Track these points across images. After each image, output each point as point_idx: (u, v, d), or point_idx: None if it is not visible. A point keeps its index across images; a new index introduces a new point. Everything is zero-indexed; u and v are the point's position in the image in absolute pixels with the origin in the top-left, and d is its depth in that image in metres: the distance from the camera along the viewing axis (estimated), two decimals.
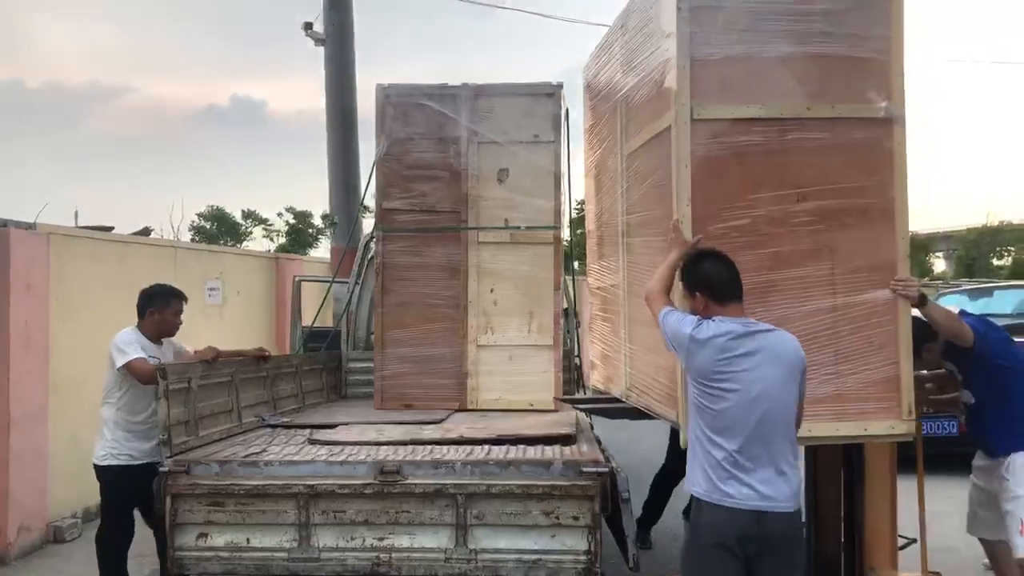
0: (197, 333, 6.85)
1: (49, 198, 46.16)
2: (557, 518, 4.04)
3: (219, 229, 42.09)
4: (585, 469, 4.06)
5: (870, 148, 3.94)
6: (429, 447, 4.59)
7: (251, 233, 43.73)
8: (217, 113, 71.70)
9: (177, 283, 8.55)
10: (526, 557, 4.04)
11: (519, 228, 6.35)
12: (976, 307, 14.72)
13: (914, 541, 5.11)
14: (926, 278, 32.67)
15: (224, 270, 9.84)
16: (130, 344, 4.92)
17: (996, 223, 42.41)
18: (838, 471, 4.87)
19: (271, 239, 42.22)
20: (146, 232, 9.04)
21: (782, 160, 3.92)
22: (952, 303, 14.53)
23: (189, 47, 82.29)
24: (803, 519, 3.56)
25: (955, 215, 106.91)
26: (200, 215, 41.84)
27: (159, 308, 5.09)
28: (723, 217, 3.90)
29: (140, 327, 5.08)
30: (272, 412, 5.73)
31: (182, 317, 5.22)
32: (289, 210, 43.59)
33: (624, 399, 5.05)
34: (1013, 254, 41.82)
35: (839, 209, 3.92)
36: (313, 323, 8.25)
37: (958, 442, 8.65)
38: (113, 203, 50.51)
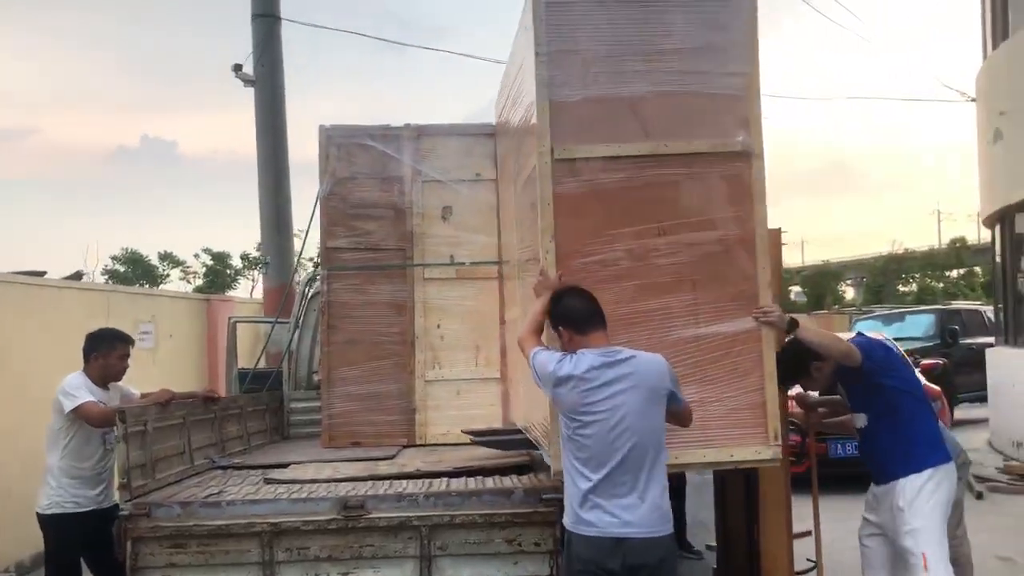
0: (129, 376, 6.77)
1: None
2: (519, 544, 4.13)
3: (134, 272, 41.19)
4: (545, 496, 4.16)
5: (729, 181, 4.06)
6: (388, 482, 4.65)
7: (168, 275, 42.97)
8: (127, 154, 70.24)
9: (110, 326, 8.49)
10: None
11: (464, 264, 6.46)
12: (890, 331, 15.41)
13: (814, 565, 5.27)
14: (837, 306, 33.93)
15: (156, 313, 9.70)
16: (78, 388, 4.87)
17: (901, 251, 44.43)
18: (741, 498, 5.04)
19: (188, 281, 41.46)
20: (78, 276, 8.90)
21: (642, 196, 4.04)
22: (868, 328, 15.19)
23: (95, 86, 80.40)
24: (672, 544, 3.57)
25: (864, 244, 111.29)
26: (114, 258, 40.90)
27: (104, 352, 5.06)
28: (586, 252, 4.01)
29: (86, 371, 5.03)
30: (221, 454, 5.70)
31: (128, 361, 5.18)
32: (206, 251, 42.70)
33: (524, 431, 5.10)
34: (917, 280, 43.71)
35: (700, 241, 4.03)
36: (256, 364, 8.19)
37: None
38: (24, 247, 48.88)
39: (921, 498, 4.24)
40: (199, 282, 39.66)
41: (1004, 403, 11.13)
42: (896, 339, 14.53)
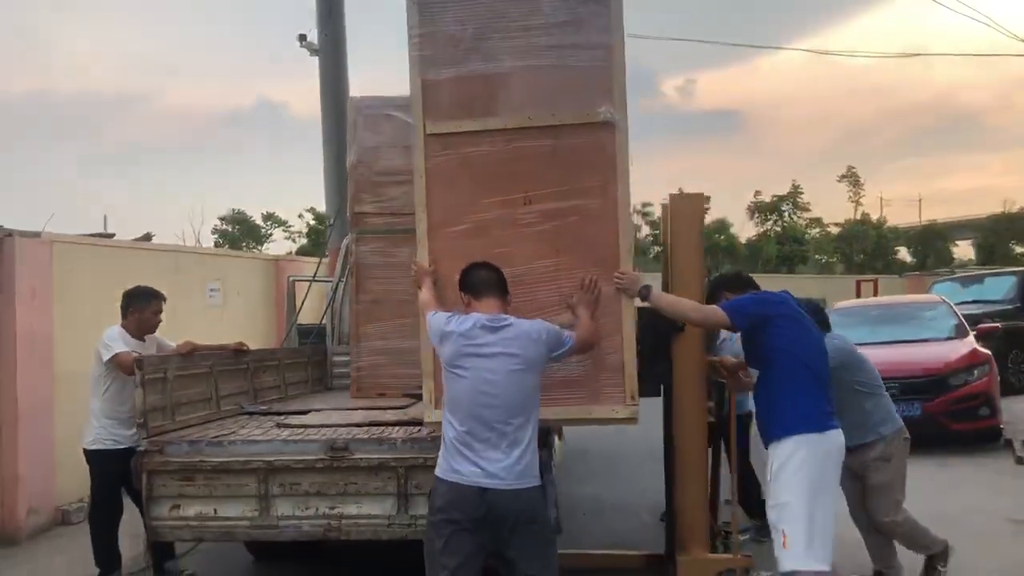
0: (199, 332, 7.38)
1: (78, 205, 47.25)
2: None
3: (239, 232, 42.85)
4: None
5: (592, 152, 4.23)
6: (381, 428, 5.08)
7: (271, 235, 44.49)
8: (242, 116, 72.72)
9: (178, 286, 9.22)
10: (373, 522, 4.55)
11: None
12: (968, 294, 15.06)
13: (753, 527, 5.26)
14: (946, 267, 32.64)
15: (225, 273, 10.41)
16: (115, 340, 5.47)
17: (1014, 210, 42.28)
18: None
19: (292, 240, 42.77)
20: (147, 238, 9.63)
21: (509, 167, 4.27)
22: (944, 291, 14.83)
23: (212, 51, 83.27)
24: (538, 499, 3.71)
25: (980, 203, 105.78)
26: (222, 218, 42.62)
27: (139, 307, 5.63)
28: (456, 221, 4.30)
29: (124, 325, 5.62)
30: (252, 401, 6.26)
31: (161, 316, 5.74)
32: (310, 211, 44.00)
33: None
34: None
35: (564, 210, 4.22)
36: (295, 320, 8.75)
37: (921, 423, 9.05)
38: (140, 208, 51.57)
39: (787, 470, 3.99)
40: (303, 242, 41.00)
41: None
42: (976, 301, 14.30)
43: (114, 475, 5.40)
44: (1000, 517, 6.60)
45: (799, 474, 3.96)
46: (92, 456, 5.52)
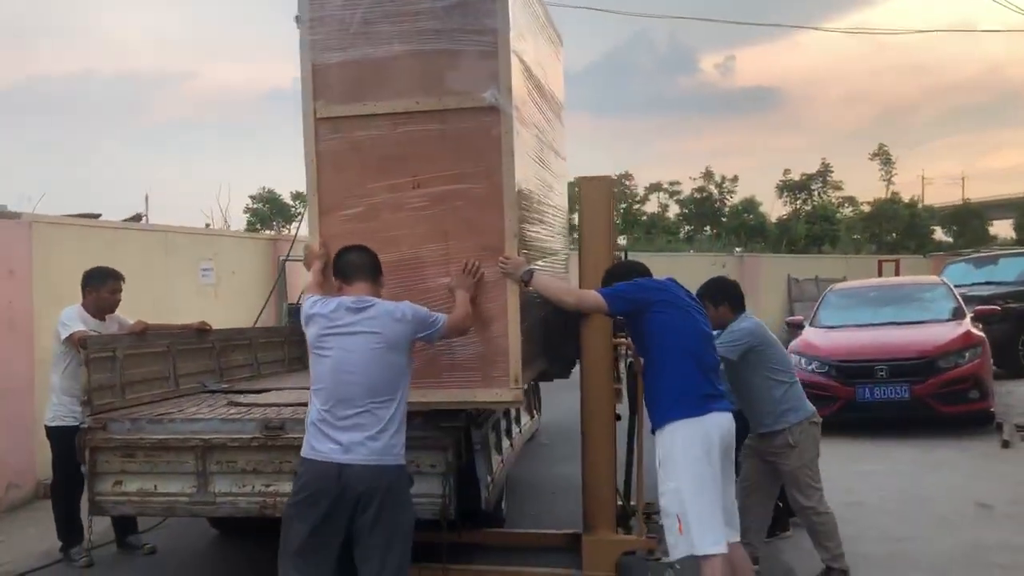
0: (191, 311, 7.52)
1: (119, 184, 48.02)
2: (417, 466, 4.52)
3: (270, 211, 43.33)
4: (442, 424, 4.56)
5: (478, 136, 4.22)
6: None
7: (300, 215, 44.89)
8: (279, 96, 73.30)
9: (169, 265, 9.35)
10: None
11: None
12: (981, 275, 14.81)
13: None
14: (977, 247, 32.04)
15: (220, 252, 10.53)
16: (73, 319, 5.58)
17: None
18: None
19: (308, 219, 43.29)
20: (138, 218, 9.77)
21: (397, 151, 4.28)
22: (957, 271, 14.57)
23: (251, 31, 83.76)
24: (400, 476, 3.76)
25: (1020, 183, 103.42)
26: (252, 198, 43.09)
27: (95, 287, 5.75)
28: (347, 205, 4.32)
29: (84, 304, 5.74)
30: (219, 379, 6.37)
31: (119, 295, 5.85)
32: None
33: None
34: None
35: (451, 193, 4.23)
36: (299, 300, 8.82)
37: (909, 406, 8.96)
38: (179, 187, 52.27)
39: (672, 456, 4.02)
40: None
41: None
42: (988, 283, 14.03)
43: (73, 450, 5.52)
44: (970, 501, 6.52)
45: (684, 459, 3.97)
46: (52, 432, 5.67)
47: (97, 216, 8.88)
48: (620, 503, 5.04)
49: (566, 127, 6.36)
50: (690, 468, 3.95)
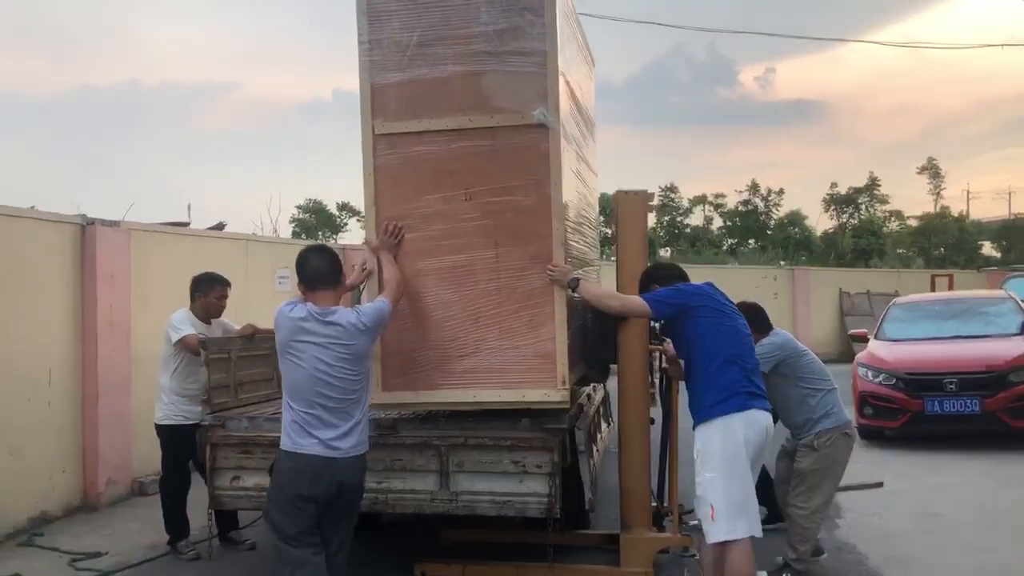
0: (268, 316, 7.73)
1: (163, 193, 48.97)
2: (524, 466, 4.73)
3: (316, 221, 43.91)
4: (548, 426, 4.73)
5: (527, 152, 4.51)
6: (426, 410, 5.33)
7: (346, 224, 45.46)
8: (320, 107, 74.37)
9: (248, 273, 9.64)
10: (498, 498, 4.76)
11: None
12: None
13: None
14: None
15: (294, 260, 10.79)
16: (183, 323, 5.85)
17: None
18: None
19: (364, 228, 43.69)
20: (220, 227, 10.07)
21: (450, 166, 4.57)
22: (1018, 286, 14.50)
23: (292, 42, 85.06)
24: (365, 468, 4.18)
25: None
26: (299, 207, 43.70)
27: (204, 292, 6.02)
28: (404, 215, 4.62)
29: (191, 309, 6.01)
30: None
31: (226, 301, 6.11)
32: None
33: None
34: None
35: (502, 205, 4.52)
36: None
37: (979, 419, 8.96)
38: (220, 197, 53.23)
39: (710, 448, 4.25)
40: None
41: None
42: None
43: (182, 448, 5.79)
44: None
45: (722, 451, 4.23)
46: (162, 431, 5.93)
47: (186, 224, 9.21)
48: (654, 504, 5.31)
49: (599, 142, 6.68)
50: (728, 459, 4.21)
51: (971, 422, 9.06)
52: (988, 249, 44.36)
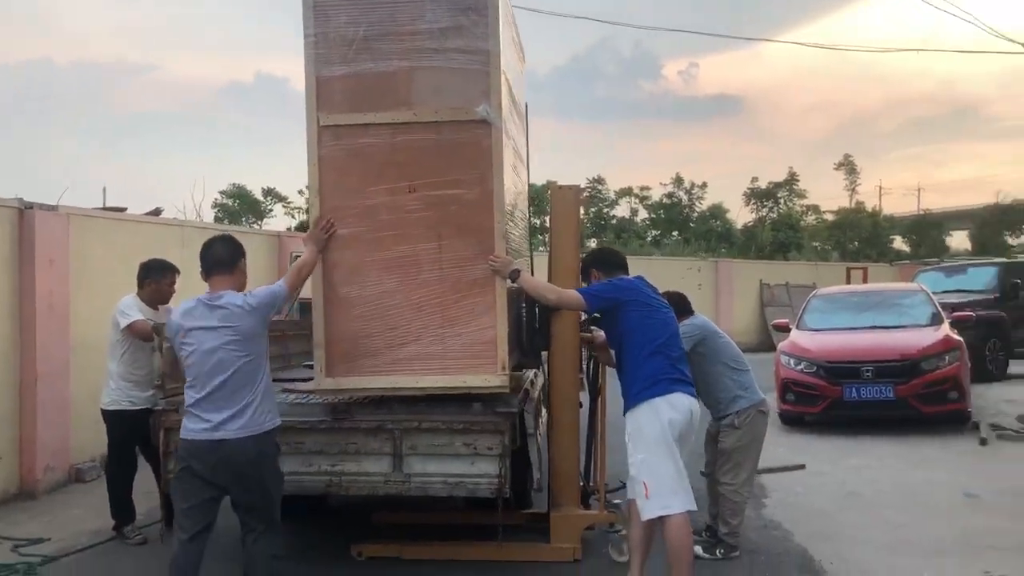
0: None
1: (76, 175, 47.45)
2: (475, 448, 4.92)
3: (240, 207, 43.10)
4: (499, 409, 4.93)
5: (471, 147, 4.71)
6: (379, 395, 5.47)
7: (271, 211, 44.75)
8: (240, 90, 72.95)
9: (185, 259, 9.56)
10: (450, 480, 4.94)
11: None
12: (951, 284, 15.45)
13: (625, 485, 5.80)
14: (937, 257, 33.03)
15: None
16: (131, 308, 5.87)
17: (1009, 202, 42.65)
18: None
19: (292, 216, 42.99)
20: (157, 212, 9.97)
21: (395, 158, 4.74)
22: (929, 280, 15.22)
23: (212, 22, 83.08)
24: (267, 444, 4.29)
25: (975, 193, 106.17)
26: (222, 193, 42.85)
27: (156, 279, 6.04)
28: (349, 206, 4.77)
29: (139, 295, 6.02)
30: None
31: (175, 287, 6.14)
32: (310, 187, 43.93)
33: None
34: None
35: (445, 198, 4.71)
36: (297, 295, 9.10)
37: (893, 405, 9.49)
38: (137, 180, 51.82)
39: (641, 430, 4.55)
40: (303, 217, 41.38)
41: None
42: (958, 291, 14.72)
43: (129, 434, 5.81)
44: (957, 492, 7.03)
45: (650, 433, 4.53)
46: (109, 416, 5.94)
47: (123, 209, 9.10)
48: (581, 483, 5.64)
49: (530, 134, 6.79)
50: (658, 439, 4.50)
51: (886, 408, 9.59)
52: (899, 243, 46.20)
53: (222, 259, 4.37)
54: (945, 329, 10.27)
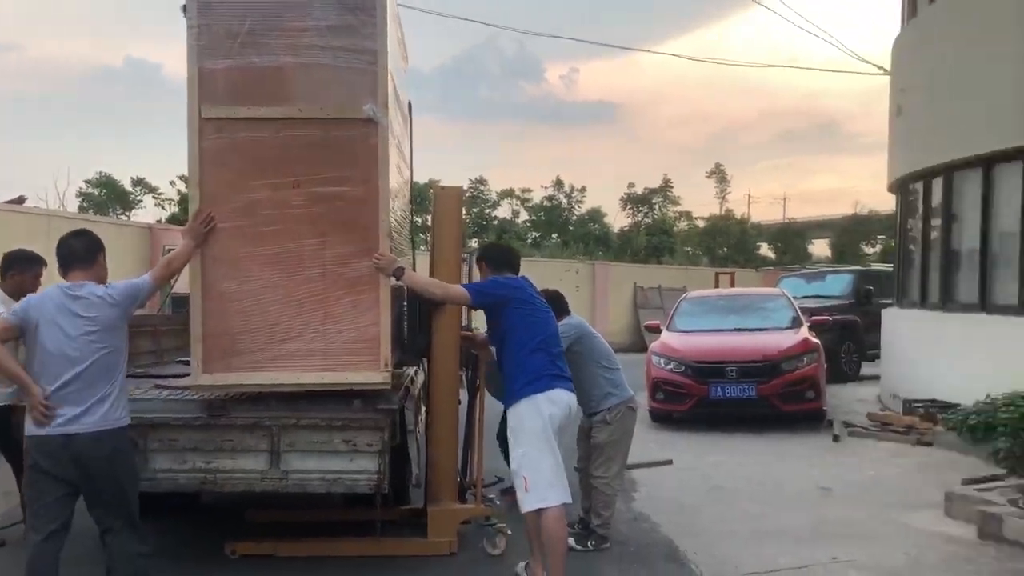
0: None
1: None
2: (355, 445, 4.92)
3: (107, 196, 41.29)
4: (380, 406, 4.96)
5: (357, 145, 4.73)
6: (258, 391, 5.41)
7: (141, 201, 43.07)
8: (110, 74, 69.61)
9: (50, 249, 9.16)
10: (329, 476, 4.94)
11: None
12: (811, 289, 16.34)
13: (501, 480, 6.00)
14: (799, 264, 34.71)
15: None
16: None
17: (866, 213, 45.29)
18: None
19: (162, 207, 41.57)
20: (20, 200, 9.51)
21: (279, 154, 4.73)
22: (790, 285, 16.06)
23: (81, 3, 78.94)
24: (122, 439, 4.23)
25: (836, 204, 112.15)
26: (88, 182, 40.97)
27: (20, 271, 5.76)
28: (230, 200, 4.74)
29: (1, 287, 5.74)
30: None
31: (41, 280, 5.88)
32: (182, 178, 43.18)
33: None
34: (882, 242, 44.58)
35: (330, 195, 4.72)
36: (170, 289, 8.87)
37: (755, 404, 10.00)
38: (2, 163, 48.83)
39: (522, 425, 4.73)
40: (174, 209, 39.98)
41: (890, 359, 12.02)
42: (817, 296, 15.59)
43: None
44: (812, 485, 7.49)
45: (531, 427, 4.69)
46: None
47: None
48: (458, 479, 5.78)
49: (413, 132, 6.86)
50: (538, 433, 4.67)
51: (748, 406, 10.10)
52: (765, 250, 48.45)
53: (79, 254, 4.28)
54: (804, 332, 10.88)
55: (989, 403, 7.06)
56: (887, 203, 15.33)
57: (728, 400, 10.08)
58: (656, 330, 12.09)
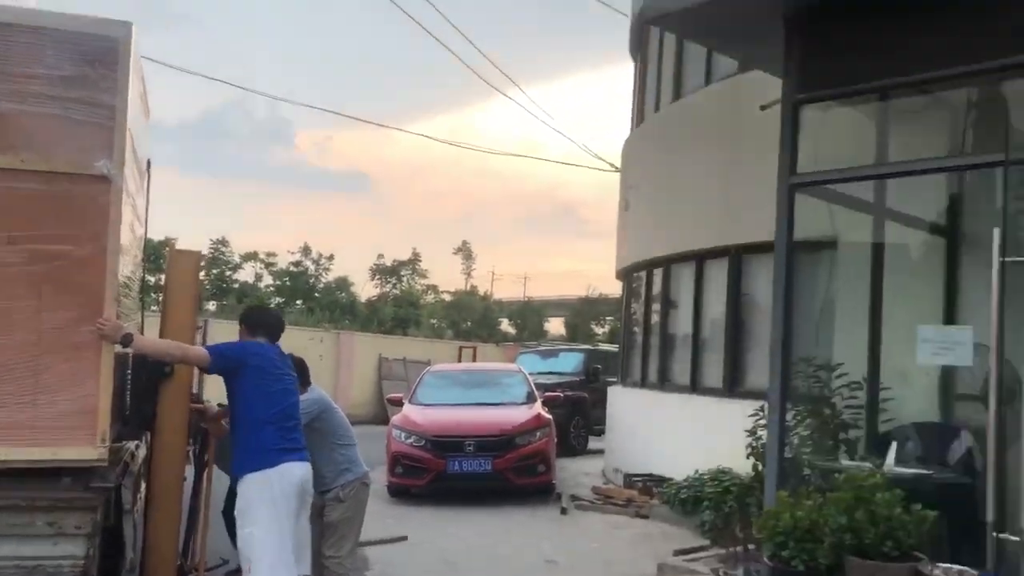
0: None
1: None
2: (60, 528, 4.45)
3: None
4: (93, 484, 4.58)
5: (85, 202, 4.49)
6: None
7: None
8: None
9: None
10: (26, 563, 4.44)
11: None
12: (547, 366, 17.14)
13: (226, 562, 5.88)
14: (535, 340, 36.29)
15: None
16: None
17: (596, 295, 48.39)
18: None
19: None
20: None
21: None
22: (527, 361, 16.76)
23: None
24: None
25: (572, 284, 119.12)
26: None
27: None
28: None
29: None
30: None
31: None
32: None
33: None
34: (611, 323, 47.77)
35: (52, 253, 4.42)
36: None
37: (490, 477, 10.26)
38: None
39: (249, 504, 4.64)
40: None
41: (613, 434, 12.81)
42: (551, 373, 16.39)
43: None
44: (540, 558, 7.78)
45: (259, 504, 4.59)
46: None
47: None
48: (179, 562, 5.48)
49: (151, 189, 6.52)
50: (262, 513, 4.57)
51: (484, 479, 10.36)
52: (506, 326, 50.29)
53: None
54: (538, 407, 11.39)
55: (697, 478, 7.66)
56: (615, 287, 16.54)
57: (465, 474, 10.28)
58: (398, 403, 12.14)
